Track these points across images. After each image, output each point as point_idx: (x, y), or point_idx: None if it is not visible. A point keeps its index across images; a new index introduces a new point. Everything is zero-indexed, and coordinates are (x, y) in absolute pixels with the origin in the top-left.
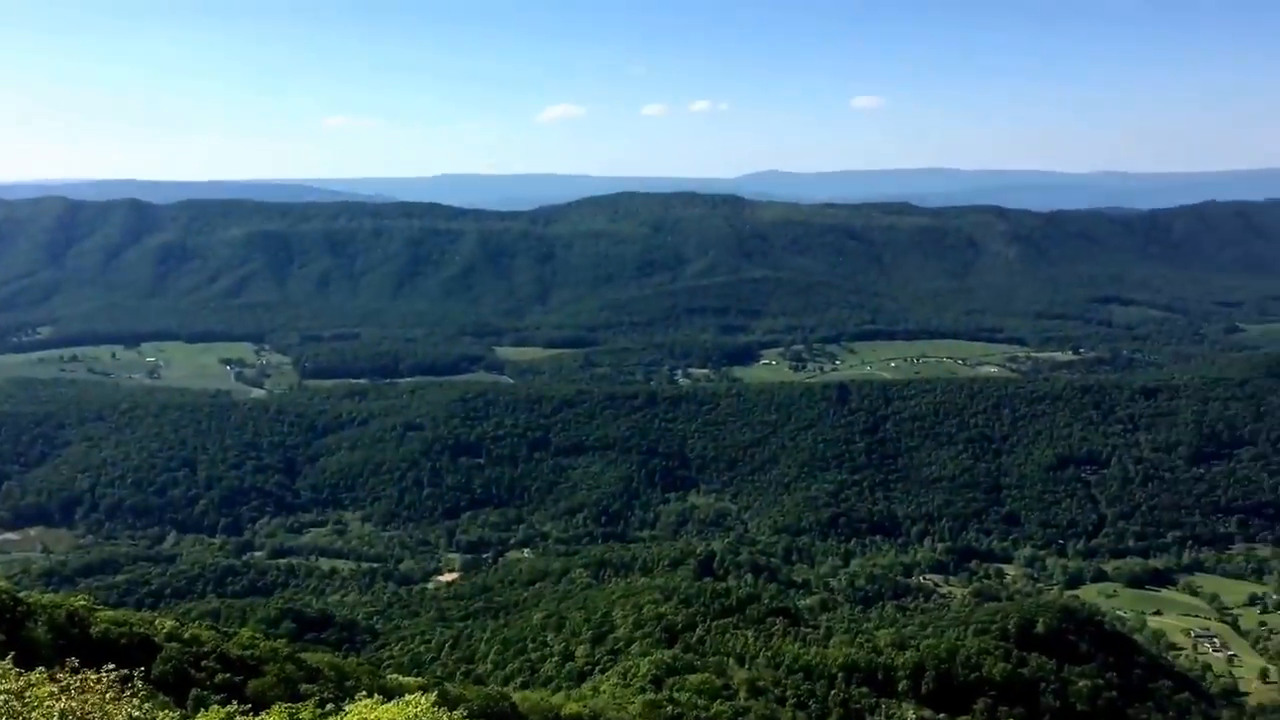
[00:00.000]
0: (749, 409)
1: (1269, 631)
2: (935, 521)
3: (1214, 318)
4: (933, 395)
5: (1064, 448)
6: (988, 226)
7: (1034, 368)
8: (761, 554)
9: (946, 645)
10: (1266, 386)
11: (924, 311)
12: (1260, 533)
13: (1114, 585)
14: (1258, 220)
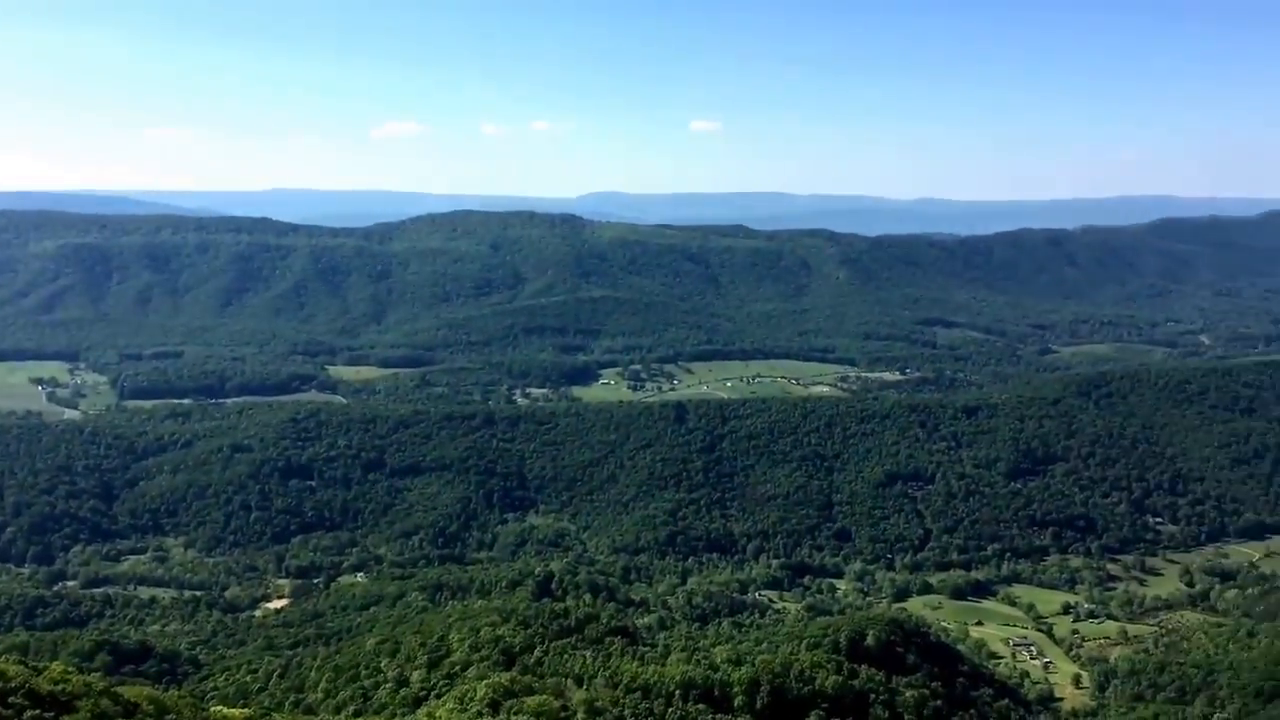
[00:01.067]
0: (588, 428)
1: (1081, 639)
2: (770, 538)
3: (1029, 339)
4: (768, 414)
5: (892, 465)
6: (819, 250)
7: (864, 387)
8: (600, 573)
9: (781, 660)
10: (1077, 405)
11: (759, 332)
12: (1073, 544)
13: (939, 597)
14: (1069, 247)
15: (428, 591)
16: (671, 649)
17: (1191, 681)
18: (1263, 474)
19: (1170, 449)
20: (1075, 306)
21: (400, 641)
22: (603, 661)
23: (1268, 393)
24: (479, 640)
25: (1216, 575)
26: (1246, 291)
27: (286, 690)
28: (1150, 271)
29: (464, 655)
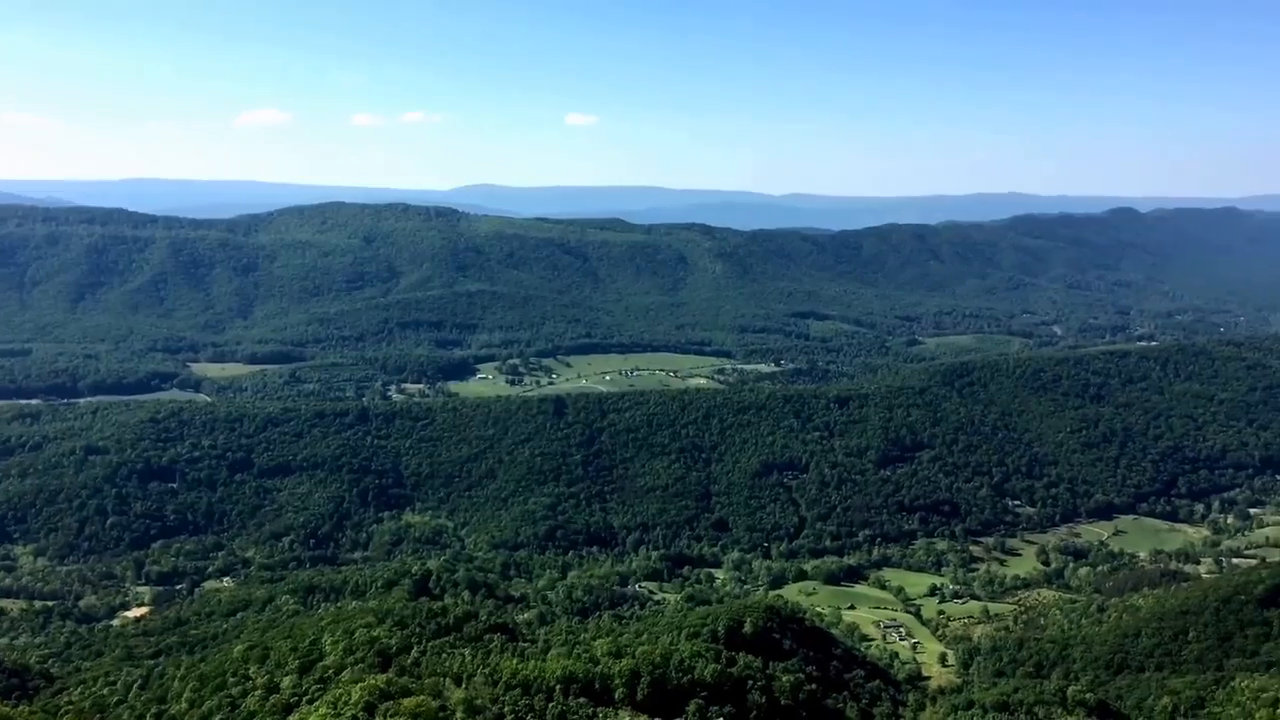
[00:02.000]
0: (465, 424)
1: (947, 619)
2: (650, 530)
3: (897, 331)
4: (646, 407)
5: (768, 455)
6: (696, 244)
7: (740, 379)
8: (479, 570)
9: (661, 651)
10: (942, 394)
11: (637, 325)
12: (939, 528)
13: (813, 583)
14: (932, 242)
15: (299, 594)
16: (552, 644)
17: (1048, 656)
18: (1111, 457)
19: (1027, 434)
20: (939, 299)
21: (270, 647)
22: (482, 659)
23: (1114, 380)
24: (353, 642)
25: (1070, 554)
26: (1095, 284)
27: (148, 702)
28: (1008, 266)
29: (337, 658)
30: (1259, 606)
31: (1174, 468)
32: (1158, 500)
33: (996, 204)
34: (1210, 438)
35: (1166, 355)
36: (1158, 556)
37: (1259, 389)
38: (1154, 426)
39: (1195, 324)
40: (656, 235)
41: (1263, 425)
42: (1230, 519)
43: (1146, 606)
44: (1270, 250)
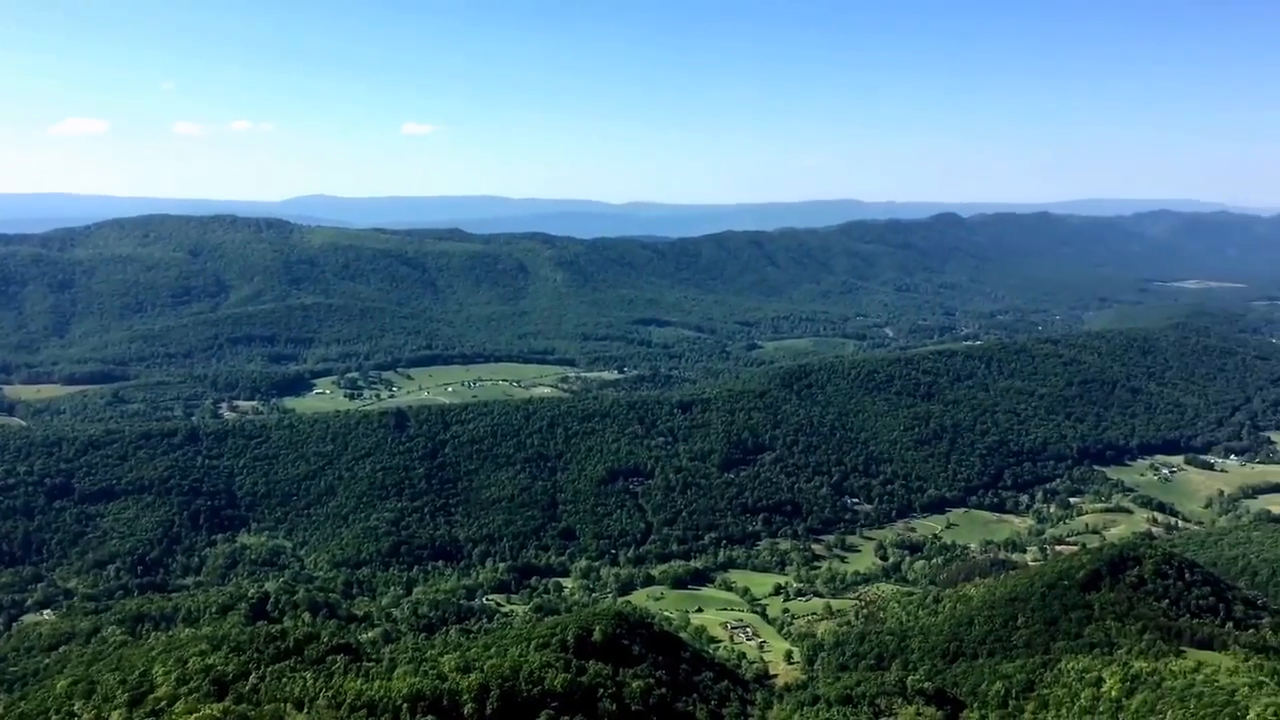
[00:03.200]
0: (302, 440)
1: (792, 617)
2: (496, 542)
3: (737, 336)
4: (490, 418)
5: (613, 462)
6: (537, 253)
7: (584, 387)
8: (320, 590)
9: (509, 663)
10: (781, 397)
11: (479, 335)
12: (781, 528)
13: (661, 588)
14: (769, 248)
15: (126, 624)
16: (398, 662)
17: (888, 648)
18: (941, 453)
19: (863, 434)
20: (777, 304)
21: (96, 680)
22: (325, 681)
23: (943, 379)
24: (187, 672)
25: (906, 548)
26: (923, 287)
27: None
28: (841, 270)
29: (170, 689)
30: (1081, 591)
31: (1000, 461)
32: (986, 493)
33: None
34: (1032, 431)
35: (990, 354)
36: (987, 547)
37: (1075, 384)
38: (981, 422)
39: (1016, 323)
40: (497, 245)
41: (1079, 418)
42: (1052, 508)
43: (978, 596)
44: (1081, 252)
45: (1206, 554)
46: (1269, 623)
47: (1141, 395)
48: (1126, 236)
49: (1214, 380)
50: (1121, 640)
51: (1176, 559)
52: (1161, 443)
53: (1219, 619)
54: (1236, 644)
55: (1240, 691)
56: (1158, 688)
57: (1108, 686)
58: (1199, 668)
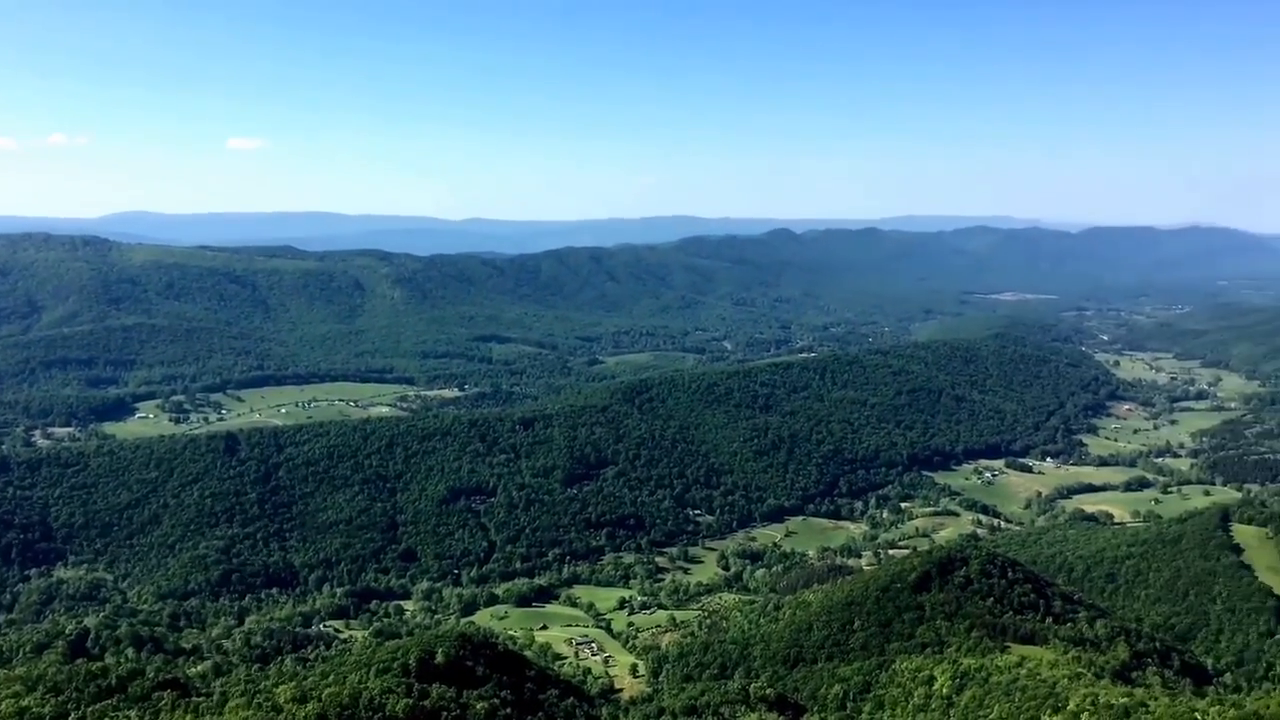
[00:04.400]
0: (124, 468)
1: (636, 630)
2: (334, 566)
3: (579, 351)
4: (326, 439)
5: (455, 480)
6: (373, 270)
7: (424, 405)
8: (145, 624)
9: (348, 691)
10: (623, 411)
11: (314, 355)
12: (625, 542)
13: (505, 607)
14: (608, 264)
15: None
16: (229, 695)
17: (731, 657)
18: (780, 463)
19: (704, 446)
20: (617, 319)
21: None
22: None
23: (780, 390)
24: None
25: (747, 557)
26: (759, 301)
27: None
28: (679, 285)
29: None
30: (913, 592)
31: (835, 469)
32: (823, 500)
33: (668, 226)
34: (865, 439)
35: (825, 365)
36: (825, 554)
37: (904, 393)
38: (817, 432)
39: (847, 335)
40: (331, 262)
41: (908, 426)
42: (885, 514)
43: (816, 601)
44: (907, 266)
45: (1027, 553)
46: (1085, 616)
47: (965, 403)
48: (948, 251)
49: (1030, 387)
50: (951, 639)
51: (1000, 559)
52: (984, 447)
53: (1039, 615)
54: (1056, 638)
55: (1060, 683)
56: (985, 683)
57: (939, 684)
58: (1022, 662)
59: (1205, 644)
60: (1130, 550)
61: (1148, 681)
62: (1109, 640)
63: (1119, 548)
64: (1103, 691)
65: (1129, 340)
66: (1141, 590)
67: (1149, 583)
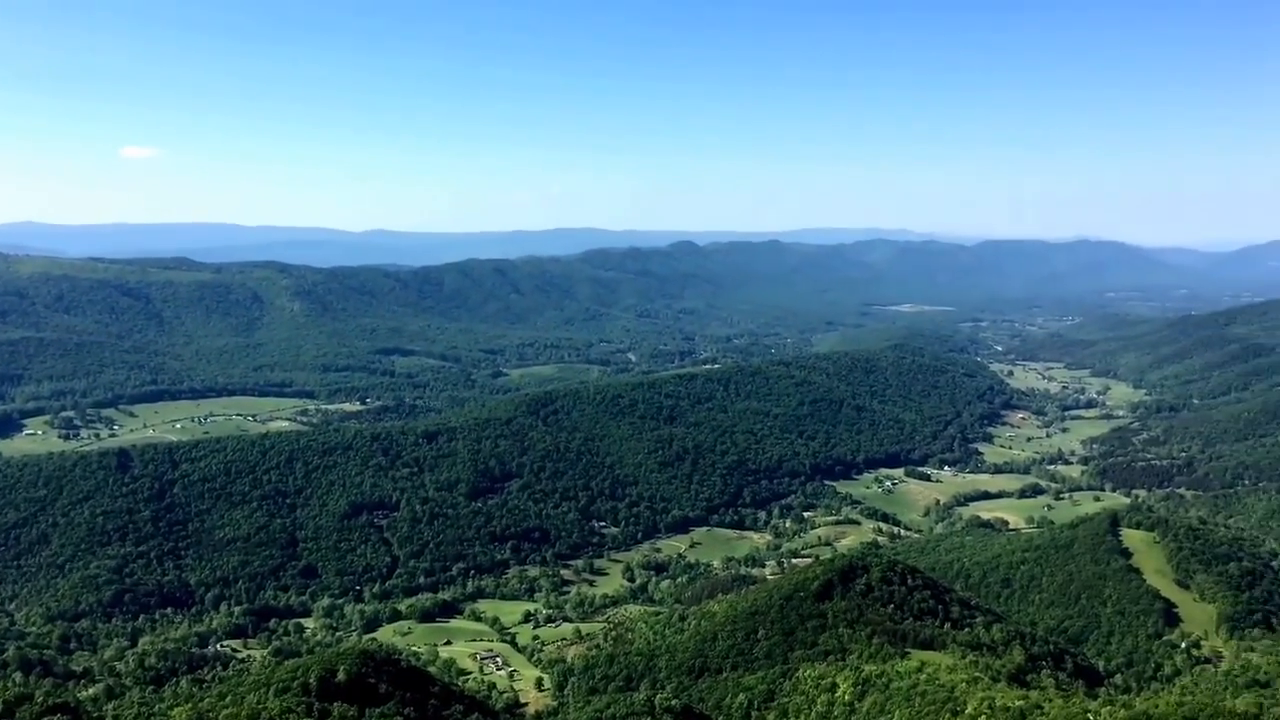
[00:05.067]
0: (10, 486)
1: (542, 644)
2: (232, 584)
3: (483, 364)
4: (223, 454)
5: (357, 495)
6: (272, 282)
7: (324, 419)
8: (33, 647)
9: (247, 712)
10: (528, 424)
11: (210, 369)
12: (530, 555)
13: (409, 623)
14: (513, 276)
15: None
16: (123, 719)
17: (636, 668)
18: (684, 474)
19: (610, 457)
20: (521, 331)
21: None
22: None
23: (685, 402)
24: None
25: (652, 569)
26: (663, 313)
27: None
28: (584, 297)
29: None
30: (815, 601)
31: (739, 480)
32: (727, 511)
33: (573, 238)
34: (769, 450)
35: (728, 376)
36: (729, 564)
37: (806, 403)
38: (721, 443)
39: (751, 346)
40: (229, 274)
41: (811, 436)
42: (788, 523)
43: (721, 611)
44: (809, 278)
45: (926, 560)
46: (981, 621)
47: (865, 412)
48: (848, 264)
49: (928, 397)
50: (853, 646)
51: (900, 566)
52: (884, 456)
53: (938, 620)
54: (954, 643)
55: (959, 687)
56: (886, 689)
57: (841, 691)
58: (922, 667)
59: (1097, 646)
60: (1024, 556)
61: (1042, 684)
62: (1005, 644)
63: (1014, 553)
64: (999, 695)
65: (1022, 350)
66: (1036, 595)
67: (1043, 587)
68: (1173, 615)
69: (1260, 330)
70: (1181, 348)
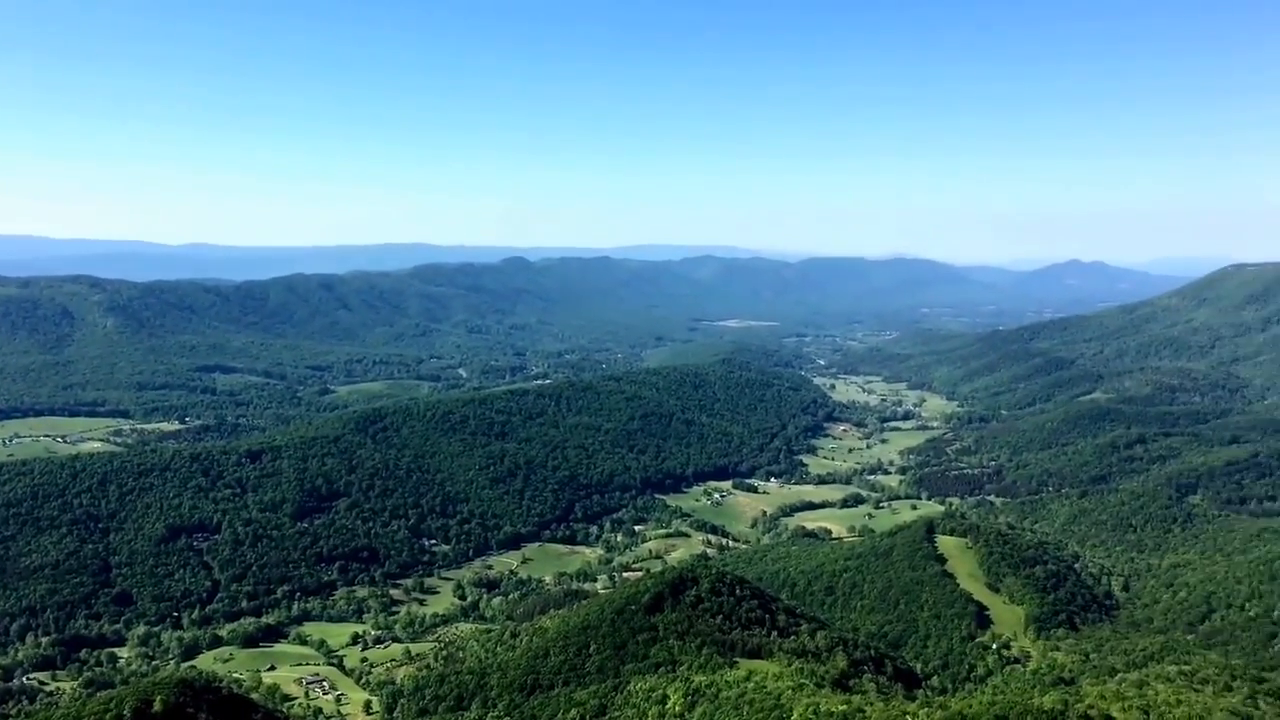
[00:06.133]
0: None
1: (370, 666)
2: (39, 614)
3: (309, 381)
4: (30, 477)
5: (175, 518)
6: (83, 297)
7: (141, 440)
8: None
9: None
10: (357, 441)
11: (15, 388)
12: (358, 575)
13: (230, 649)
14: (340, 291)
15: None
16: None
17: (468, 687)
18: (516, 490)
19: (440, 474)
20: (350, 347)
21: None
22: None
23: (517, 417)
24: None
25: (484, 586)
26: (494, 328)
27: None
28: (414, 313)
29: None
30: (646, 614)
31: (571, 495)
32: (559, 526)
33: (402, 253)
34: (600, 464)
35: (560, 392)
36: (561, 579)
37: (637, 418)
38: (553, 458)
39: (582, 362)
40: (36, 289)
41: (642, 450)
42: (620, 537)
43: (553, 627)
44: (638, 294)
45: (753, 570)
46: (806, 629)
47: (695, 426)
48: (677, 280)
49: (755, 410)
50: (683, 657)
51: (728, 577)
52: (713, 469)
53: (765, 629)
54: (781, 651)
55: (785, 695)
56: (715, 699)
57: (672, 702)
58: (750, 676)
59: (914, 649)
60: (847, 564)
61: (864, 688)
62: (829, 650)
63: (837, 562)
64: (823, 700)
65: (844, 364)
66: (858, 601)
67: (864, 594)
68: (984, 617)
69: (1061, 345)
70: (990, 361)
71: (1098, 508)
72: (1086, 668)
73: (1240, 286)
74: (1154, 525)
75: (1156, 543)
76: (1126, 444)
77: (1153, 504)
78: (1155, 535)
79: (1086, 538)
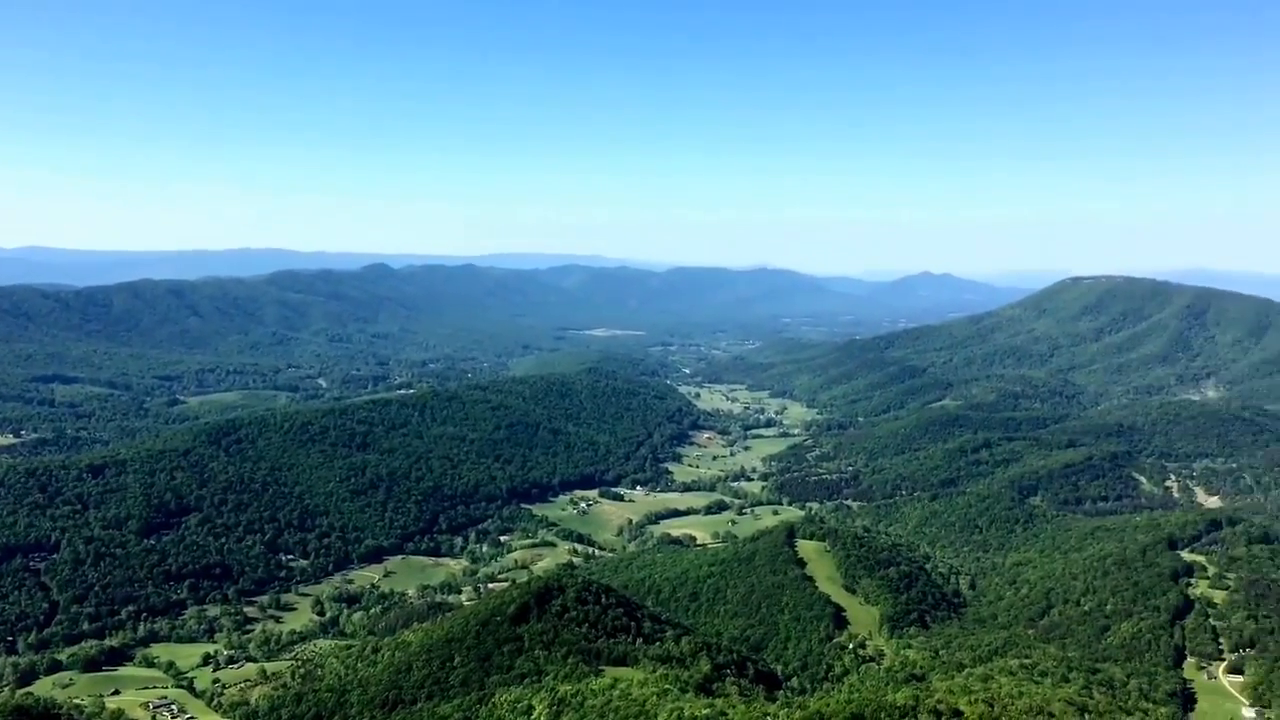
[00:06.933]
0: None
1: (223, 687)
2: None
3: (157, 392)
4: None
5: (9, 537)
6: None
7: None
8: None
9: None
10: (208, 454)
11: None
12: (210, 593)
13: (70, 673)
14: (191, 298)
15: None
16: None
17: (326, 705)
18: (378, 502)
19: (298, 487)
20: (201, 356)
21: None
22: None
23: (379, 428)
24: None
25: (344, 601)
26: (356, 337)
27: None
28: (271, 321)
29: None
30: (512, 624)
31: (435, 506)
32: (423, 538)
33: (258, 260)
34: (465, 475)
35: (424, 402)
36: (424, 592)
37: (503, 427)
38: (416, 469)
39: (447, 371)
40: None
41: (508, 460)
42: (485, 548)
43: (416, 641)
44: (504, 302)
45: (619, 578)
46: (671, 635)
47: (561, 435)
48: (543, 288)
49: (621, 419)
50: (549, 667)
51: (594, 586)
52: (580, 478)
53: (631, 636)
54: (646, 658)
55: (650, 700)
56: (581, 707)
57: (537, 713)
58: (615, 684)
59: (775, 651)
60: (711, 570)
61: (727, 691)
62: (693, 655)
63: (701, 568)
64: (687, 705)
65: (708, 373)
66: (721, 606)
67: (727, 599)
68: (842, 618)
69: (914, 353)
70: (848, 370)
71: (947, 510)
72: (936, 664)
73: (1077, 298)
74: (998, 526)
75: (1000, 542)
76: (973, 449)
77: (997, 505)
78: (999, 535)
79: (937, 539)
